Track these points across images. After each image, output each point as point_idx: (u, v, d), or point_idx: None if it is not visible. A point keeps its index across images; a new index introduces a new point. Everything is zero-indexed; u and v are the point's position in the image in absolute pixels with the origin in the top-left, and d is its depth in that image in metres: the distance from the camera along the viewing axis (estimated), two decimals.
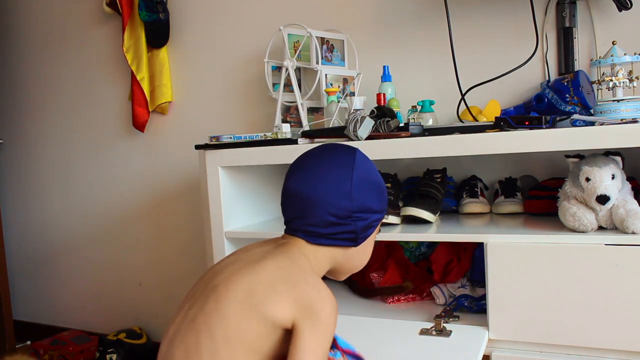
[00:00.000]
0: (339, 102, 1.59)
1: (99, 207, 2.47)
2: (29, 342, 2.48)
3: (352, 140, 1.34)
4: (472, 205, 1.54)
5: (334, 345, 0.91)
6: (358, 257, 0.97)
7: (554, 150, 1.14)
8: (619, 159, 1.21)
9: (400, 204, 1.47)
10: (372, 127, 1.34)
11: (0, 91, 2.72)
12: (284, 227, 0.96)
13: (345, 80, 1.71)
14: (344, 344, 0.94)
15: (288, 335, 0.80)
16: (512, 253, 1.16)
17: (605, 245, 1.10)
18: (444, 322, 1.25)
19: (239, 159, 1.46)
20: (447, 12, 1.47)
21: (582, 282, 1.10)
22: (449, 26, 1.47)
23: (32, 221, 2.70)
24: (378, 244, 1.65)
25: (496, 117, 1.27)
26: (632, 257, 1.06)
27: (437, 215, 1.44)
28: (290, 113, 1.74)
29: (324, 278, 0.97)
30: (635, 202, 1.16)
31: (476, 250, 1.44)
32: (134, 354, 2.24)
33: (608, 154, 1.22)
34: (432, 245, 1.58)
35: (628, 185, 1.21)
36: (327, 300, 0.82)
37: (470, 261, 1.46)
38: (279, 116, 1.69)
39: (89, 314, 2.57)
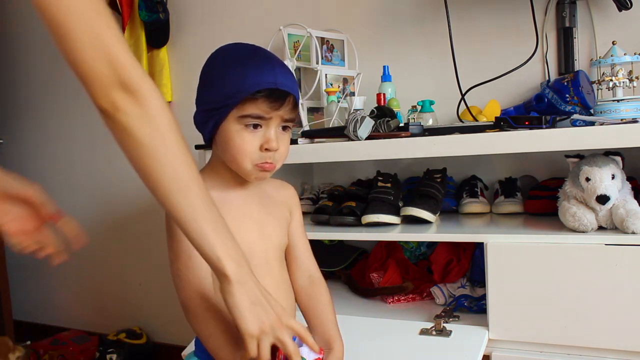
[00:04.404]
0: (339, 102, 1.59)
1: (99, 207, 2.47)
2: (29, 342, 2.48)
3: (352, 140, 1.34)
4: (472, 205, 1.54)
5: None
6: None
7: (554, 150, 1.14)
8: (619, 159, 1.21)
9: (400, 204, 1.47)
10: (372, 127, 1.34)
11: (1, 91, 2.72)
12: None
13: (345, 80, 1.71)
14: None
15: None
16: (512, 253, 1.16)
17: (605, 245, 1.10)
18: (444, 322, 1.25)
19: None
20: (447, 12, 1.47)
21: (582, 282, 1.10)
22: (449, 26, 1.47)
23: None
24: (378, 244, 1.65)
25: (496, 117, 1.27)
26: (632, 257, 1.06)
27: (437, 215, 1.44)
28: None
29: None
30: (635, 202, 1.16)
31: (476, 250, 1.44)
32: (134, 354, 2.24)
33: (608, 154, 1.22)
34: (432, 245, 1.58)
35: (628, 185, 1.21)
36: None
37: (470, 261, 1.46)
38: None
39: (89, 314, 2.57)
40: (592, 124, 1.19)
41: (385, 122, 1.36)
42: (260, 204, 0.98)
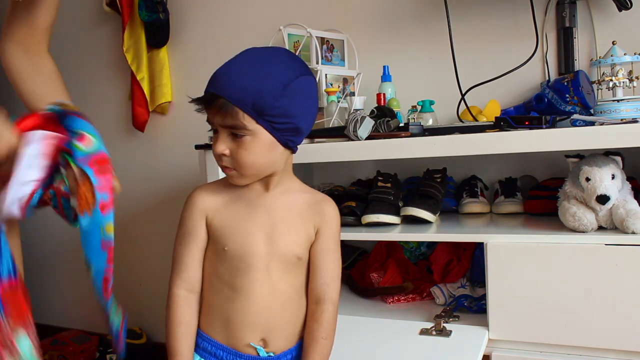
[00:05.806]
0: (339, 102, 1.59)
1: None
2: None
3: (352, 140, 1.34)
4: (472, 205, 1.54)
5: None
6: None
7: (554, 150, 1.14)
8: (619, 159, 1.21)
9: (400, 204, 1.47)
10: (372, 127, 1.34)
11: (1, 91, 2.72)
12: None
13: (345, 80, 1.71)
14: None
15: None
16: (512, 253, 1.16)
17: (605, 245, 1.10)
18: (444, 322, 1.25)
19: None
20: (447, 12, 1.47)
21: (582, 282, 1.10)
22: (449, 26, 1.47)
23: (31, 221, 2.68)
24: (378, 244, 1.65)
25: (496, 117, 1.27)
26: (632, 257, 1.07)
27: (437, 215, 1.44)
28: None
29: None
30: (635, 202, 1.16)
31: (476, 250, 1.44)
32: (134, 354, 2.24)
33: (608, 154, 1.22)
34: (432, 245, 1.58)
35: (628, 185, 1.21)
36: None
37: (470, 261, 1.46)
38: None
39: (89, 314, 2.57)
40: (592, 124, 1.19)
41: (385, 122, 1.36)
42: (277, 210, 0.94)
